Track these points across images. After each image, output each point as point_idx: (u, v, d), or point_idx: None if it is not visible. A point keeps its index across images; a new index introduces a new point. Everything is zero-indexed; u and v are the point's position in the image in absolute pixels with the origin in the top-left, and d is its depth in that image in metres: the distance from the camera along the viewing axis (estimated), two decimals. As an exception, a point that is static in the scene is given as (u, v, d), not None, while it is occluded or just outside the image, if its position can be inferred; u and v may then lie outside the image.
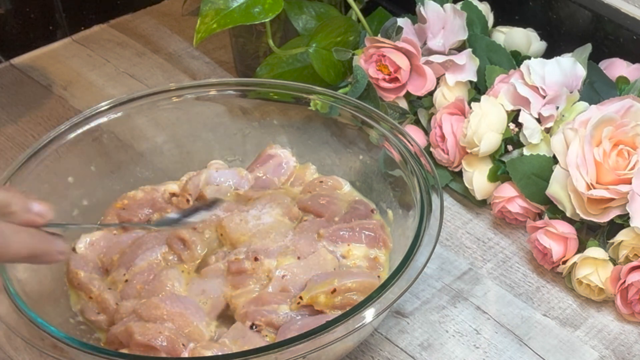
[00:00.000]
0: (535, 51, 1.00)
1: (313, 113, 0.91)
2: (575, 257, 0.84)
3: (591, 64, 0.94)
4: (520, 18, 1.03)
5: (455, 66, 0.95)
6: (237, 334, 0.75)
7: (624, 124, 0.84)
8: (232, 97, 0.93)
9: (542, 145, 0.89)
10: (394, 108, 0.96)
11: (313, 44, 0.98)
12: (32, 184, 0.83)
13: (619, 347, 0.81)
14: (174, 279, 0.80)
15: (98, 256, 0.84)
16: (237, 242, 0.82)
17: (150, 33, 1.22)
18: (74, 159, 0.87)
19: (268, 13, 0.94)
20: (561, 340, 0.82)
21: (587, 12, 0.99)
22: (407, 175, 0.83)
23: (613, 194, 0.82)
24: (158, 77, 1.14)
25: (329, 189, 0.90)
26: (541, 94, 0.90)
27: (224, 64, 1.16)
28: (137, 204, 0.88)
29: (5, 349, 0.82)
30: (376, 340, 0.82)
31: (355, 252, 0.83)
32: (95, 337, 0.79)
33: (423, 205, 0.79)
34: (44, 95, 1.12)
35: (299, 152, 0.94)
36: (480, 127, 0.89)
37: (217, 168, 0.91)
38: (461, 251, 0.90)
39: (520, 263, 0.89)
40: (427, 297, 0.86)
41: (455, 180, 0.95)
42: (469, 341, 0.82)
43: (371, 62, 0.95)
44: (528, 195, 0.88)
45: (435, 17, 0.97)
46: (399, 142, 0.85)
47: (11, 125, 1.07)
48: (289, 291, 0.78)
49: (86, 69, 1.16)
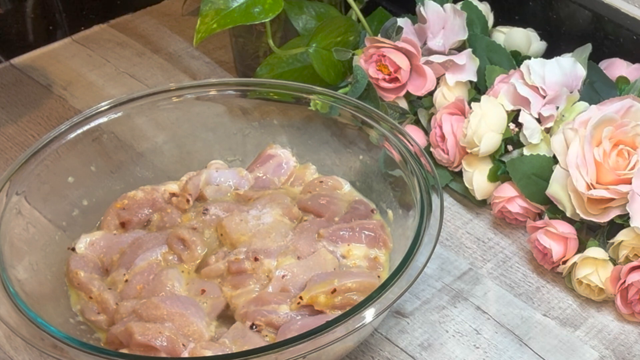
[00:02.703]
0: (535, 51, 1.00)
1: (313, 113, 0.91)
2: (575, 257, 0.84)
3: (591, 64, 0.94)
4: (520, 18, 1.03)
5: (455, 66, 0.95)
6: (237, 334, 0.75)
7: (624, 124, 0.84)
8: (232, 97, 0.93)
9: (542, 145, 0.89)
10: (394, 108, 0.96)
11: (313, 44, 0.98)
12: (32, 184, 0.83)
13: (619, 347, 0.81)
14: (174, 279, 0.80)
15: (98, 256, 0.84)
16: (237, 242, 0.82)
17: (150, 33, 1.22)
18: (74, 159, 0.87)
19: (268, 13, 0.94)
20: (561, 340, 0.82)
21: (587, 12, 0.99)
22: (407, 175, 0.83)
23: (613, 194, 0.82)
24: (158, 77, 1.14)
25: (329, 189, 0.90)
26: (541, 94, 0.90)
27: (224, 64, 1.16)
28: (137, 204, 0.88)
29: (5, 349, 0.82)
30: (376, 340, 0.82)
31: (355, 252, 0.83)
32: (95, 337, 0.79)
33: (423, 205, 0.79)
34: (44, 95, 1.12)
35: (299, 152, 0.94)
36: (480, 127, 0.89)
37: (217, 168, 0.91)
38: (461, 251, 0.90)
39: (520, 263, 0.89)
40: (427, 297, 0.86)
41: (455, 180, 0.95)
42: (469, 341, 0.82)
43: (371, 62, 0.95)
44: (528, 195, 0.88)
45: (435, 17, 0.97)
46: (399, 142, 0.85)
47: (11, 125, 1.07)
48: (289, 291, 0.78)
49: (86, 69, 1.16)
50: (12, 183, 0.82)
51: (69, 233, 0.86)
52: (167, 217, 0.86)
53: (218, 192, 0.89)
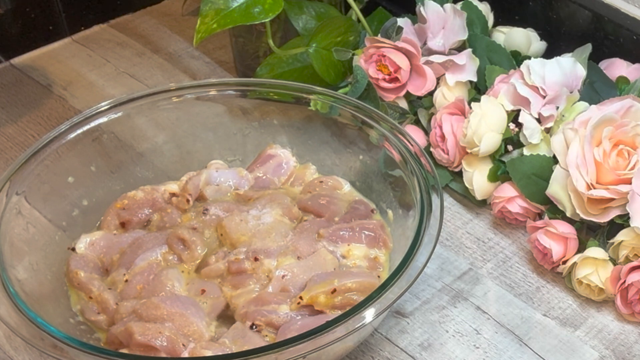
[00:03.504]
0: (535, 51, 1.00)
1: (313, 113, 0.91)
2: (575, 257, 0.84)
3: (591, 64, 0.94)
4: (520, 18, 1.03)
5: (455, 66, 0.95)
6: (237, 334, 0.75)
7: (624, 124, 0.84)
8: (232, 97, 0.93)
9: (542, 145, 0.89)
10: (394, 108, 0.96)
11: (313, 44, 0.98)
12: (32, 184, 0.83)
13: (619, 347, 0.81)
14: (174, 279, 0.80)
15: (98, 256, 0.84)
16: (237, 242, 0.82)
17: (150, 33, 1.22)
18: (74, 159, 0.87)
19: (268, 13, 0.94)
20: (561, 340, 0.82)
21: (587, 12, 0.99)
22: (407, 175, 0.83)
23: (613, 194, 0.82)
24: (158, 77, 1.14)
25: (329, 189, 0.90)
26: (541, 94, 0.90)
27: (224, 64, 1.16)
28: (137, 204, 0.88)
29: (5, 349, 0.82)
30: (376, 340, 0.82)
31: (355, 252, 0.83)
32: (95, 337, 0.79)
33: (423, 205, 0.79)
34: (44, 95, 1.12)
35: (299, 152, 0.94)
36: (480, 127, 0.89)
37: (217, 168, 0.91)
38: (461, 251, 0.90)
39: (520, 263, 0.89)
40: (427, 297, 0.86)
41: (455, 180, 0.95)
42: (469, 341, 0.82)
43: (371, 62, 0.95)
44: (528, 195, 0.88)
45: (435, 17, 0.97)
46: (399, 142, 0.85)
47: (11, 125, 1.07)
48: (289, 291, 0.78)
49: (86, 69, 1.16)
50: (12, 183, 0.82)
51: (69, 233, 0.86)
52: (167, 217, 0.86)
53: (218, 192, 0.89)
